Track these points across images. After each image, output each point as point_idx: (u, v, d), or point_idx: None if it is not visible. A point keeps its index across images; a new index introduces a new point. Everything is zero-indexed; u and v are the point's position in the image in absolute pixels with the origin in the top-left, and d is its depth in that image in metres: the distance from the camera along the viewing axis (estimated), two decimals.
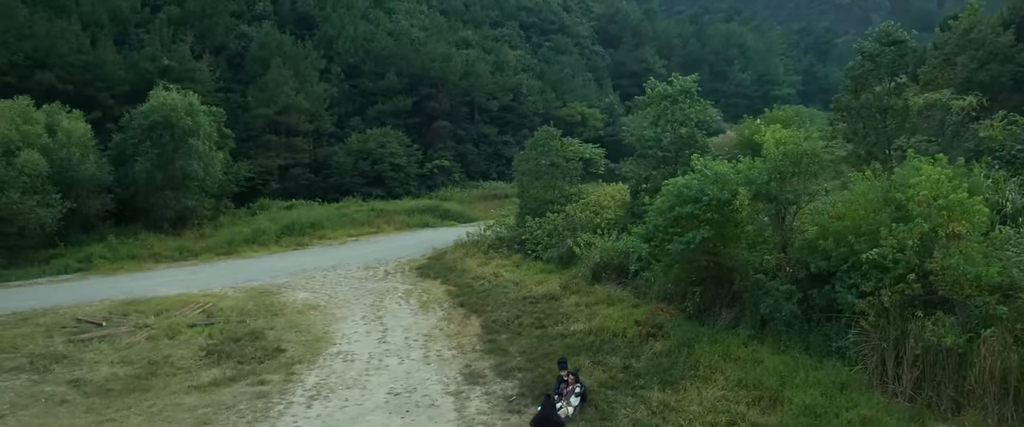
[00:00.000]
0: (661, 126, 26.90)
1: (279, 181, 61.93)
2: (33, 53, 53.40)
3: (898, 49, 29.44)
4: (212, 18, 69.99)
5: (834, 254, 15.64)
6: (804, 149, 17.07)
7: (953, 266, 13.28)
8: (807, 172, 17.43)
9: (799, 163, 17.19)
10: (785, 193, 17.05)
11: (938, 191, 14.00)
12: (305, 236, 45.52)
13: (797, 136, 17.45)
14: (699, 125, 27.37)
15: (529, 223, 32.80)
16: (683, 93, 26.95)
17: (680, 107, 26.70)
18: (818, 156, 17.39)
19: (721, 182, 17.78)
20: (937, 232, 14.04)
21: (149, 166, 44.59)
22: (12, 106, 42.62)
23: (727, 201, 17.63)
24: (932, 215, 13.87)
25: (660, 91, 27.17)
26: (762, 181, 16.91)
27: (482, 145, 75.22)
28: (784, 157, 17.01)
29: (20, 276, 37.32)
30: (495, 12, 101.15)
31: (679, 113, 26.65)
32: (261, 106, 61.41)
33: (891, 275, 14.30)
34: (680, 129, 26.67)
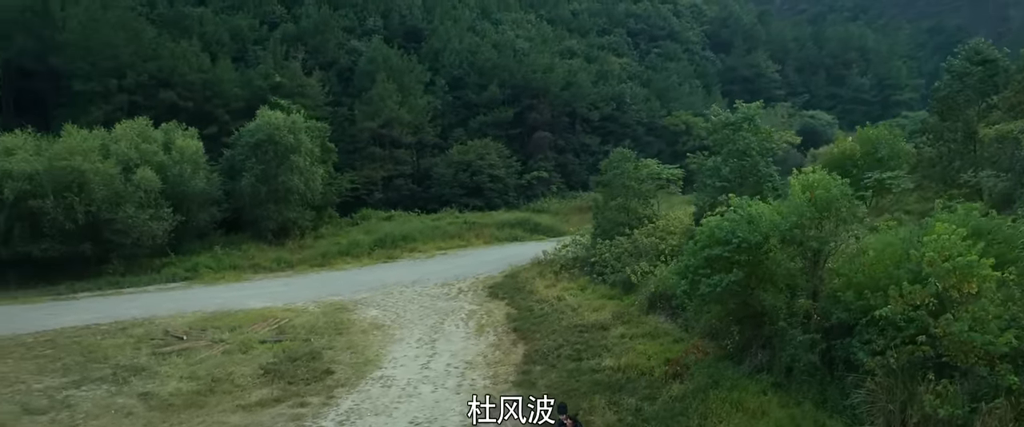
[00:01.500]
0: (723, 155, 26.53)
1: (382, 191, 64.14)
2: (157, 73, 57.49)
3: (987, 69, 28.01)
4: (324, 34, 73.28)
5: (853, 307, 15.25)
6: (833, 196, 16.61)
7: (955, 333, 12.75)
8: (837, 218, 16.93)
9: (828, 209, 16.76)
10: (810, 241, 16.66)
11: (948, 251, 13.44)
12: (396, 249, 47.21)
13: (827, 182, 17.02)
14: (763, 153, 26.81)
15: (599, 245, 32.96)
16: (746, 120, 26.51)
17: (742, 136, 26.26)
18: (849, 203, 16.87)
19: (754, 224, 17.57)
20: (951, 293, 13.48)
21: (254, 180, 47.34)
22: (132, 126, 46.13)
23: (759, 244, 17.41)
24: (941, 276, 13.35)
25: (722, 119, 26.81)
26: (785, 227, 16.59)
27: (583, 155, 75.38)
28: (811, 204, 16.64)
29: (133, 283, 40.55)
30: (603, 20, 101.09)
31: (741, 142, 26.19)
32: (366, 119, 63.81)
33: (903, 334, 13.84)
34: (742, 159, 26.22)
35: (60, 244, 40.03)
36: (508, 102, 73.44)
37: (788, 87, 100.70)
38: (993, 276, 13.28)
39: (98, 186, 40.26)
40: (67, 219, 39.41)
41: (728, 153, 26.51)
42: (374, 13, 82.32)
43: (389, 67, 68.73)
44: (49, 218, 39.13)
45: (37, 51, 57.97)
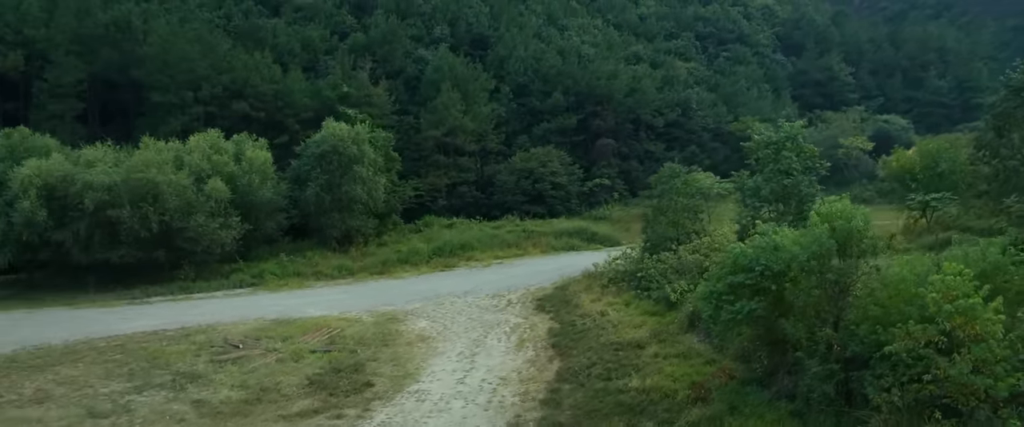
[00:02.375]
0: (765, 174, 26.50)
1: (446, 198, 65.30)
2: (231, 84, 59.95)
3: None
4: (392, 44, 75.00)
5: (866, 340, 15.30)
6: (853, 227, 16.64)
7: (956, 375, 12.76)
8: (859, 249, 16.93)
9: (848, 239, 16.79)
10: (829, 271, 16.70)
11: (954, 292, 13.42)
12: (454, 257, 48.26)
13: (848, 212, 17.04)
14: (807, 171, 26.67)
15: (646, 260, 33.18)
16: (788, 139, 26.42)
17: (784, 155, 26.18)
18: (867, 234, 16.86)
19: (779, 252, 17.67)
20: (958, 333, 13.46)
21: (319, 190, 49.04)
22: (205, 138, 48.37)
23: (782, 272, 17.53)
24: (946, 317, 13.35)
25: (763, 139, 26.77)
26: (804, 258, 16.68)
27: (647, 162, 75.05)
28: (830, 235, 16.70)
29: (203, 288, 42.66)
30: (670, 24, 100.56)
31: (783, 161, 26.12)
32: (431, 128, 65.10)
33: (911, 372, 13.85)
34: (783, 179, 26.14)
35: (136, 251, 42.41)
36: (572, 109, 73.87)
37: (862, 90, 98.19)
38: (998, 319, 13.20)
39: (171, 196, 42.40)
40: (142, 227, 41.66)
41: (770, 172, 26.42)
42: (441, 22, 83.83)
43: (454, 76, 69.88)
44: (126, 226, 41.44)
45: (120, 64, 61.19)
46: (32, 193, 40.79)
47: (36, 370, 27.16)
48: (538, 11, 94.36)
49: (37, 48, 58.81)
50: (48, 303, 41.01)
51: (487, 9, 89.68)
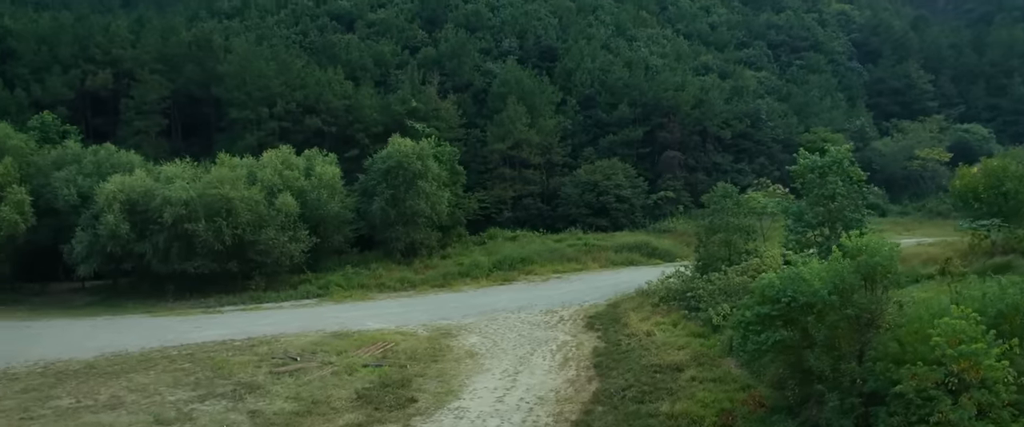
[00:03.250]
0: (810, 199, 26.50)
1: (511, 210, 66.22)
2: (304, 101, 62.34)
3: None
4: (461, 58, 76.52)
5: (881, 378, 15.47)
6: (876, 262, 16.77)
7: (956, 420, 12.89)
8: (884, 283, 17.03)
9: (872, 274, 16.93)
10: (849, 306, 16.85)
11: (959, 336, 13.52)
12: (514, 271, 49.11)
13: (874, 247, 17.16)
14: (852, 196, 26.56)
15: (697, 279, 33.37)
16: (833, 164, 26.37)
17: (829, 181, 26.14)
18: (893, 269, 16.95)
19: (808, 283, 17.84)
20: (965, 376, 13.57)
21: (384, 204, 50.61)
22: (277, 154, 50.54)
23: (809, 305, 17.72)
24: (950, 361, 13.48)
25: (807, 164, 26.77)
26: (825, 293, 16.89)
27: (714, 174, 74.35)
28: (853, 269, 16.87)
29: (272, 299, 44.62)
30: (742, 32, 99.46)
31: (828, 187, 26.09)
32: (496, 141, 66.17)
33: (920, 412, 14.02)
34: (829, 203, 26.11)
35: (210, 262, 44.67)
36: (638, 121, 73.90)
37: (942, 98, 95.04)
38: (1002, 366, 13.25)
39: (243, 211, 44.52)
40: (216, 240, 43.86)
41: (815, 198, 26.41)
42: (510, 34, 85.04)
43: (521, 89, 70.80)
44: (201, 239, 43.70)
45: (202, 81, 64.43)
46: (116, 207, 43.44)
47: (112, 376, 29.16)
48: (607, 22, 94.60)
49: (125, 67, 62.41)
50: (130, 310, 43.63)
51: (556, 21, 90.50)
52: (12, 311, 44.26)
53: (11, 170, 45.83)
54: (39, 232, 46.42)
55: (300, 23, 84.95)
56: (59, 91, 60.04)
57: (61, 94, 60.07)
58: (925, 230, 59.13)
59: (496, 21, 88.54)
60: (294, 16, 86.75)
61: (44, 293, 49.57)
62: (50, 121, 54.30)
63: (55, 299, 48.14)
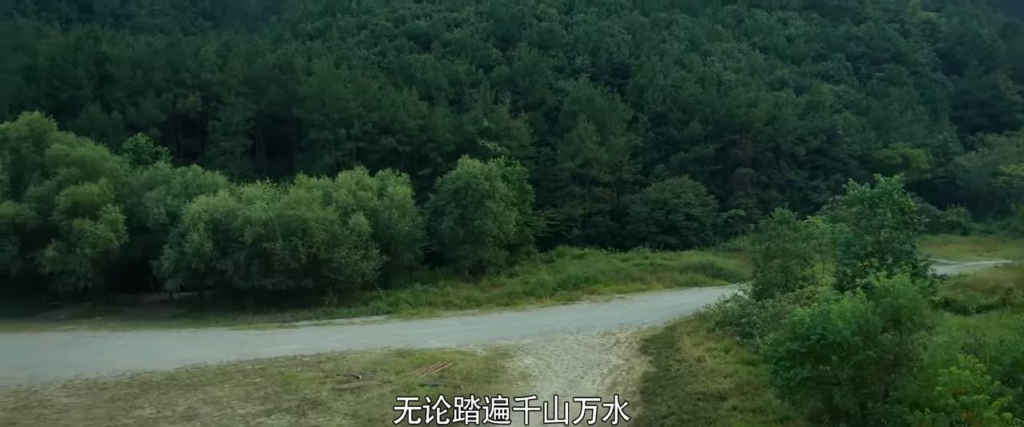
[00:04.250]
0: (858, 229, 26.60)
1: (581, 228, 66.98)
2: (380, 121, 64.62)
3: None
4: (533, 76, 77.73)
5: (899, 420, 15.78)
6: (900, 304, 17.05)
7: None
8: (909, 324, 17.29)
9: (895, 315, 17.22)
10: (872, 347, 17.15)
11: (963, 386, 13.81)
12: (578, 290, 49.83)
13: (900, 289, 17.43)
14: (904, 225, 26.52)
15: (751, 306, 33.56)
16: (883, 195, 26.40)
17: (879, 212, 26.19)
18: (918, 311, 17.19)
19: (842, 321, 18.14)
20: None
21: (453, 223, 52.09)
22: (352, 175, 52.70)
23: (837, 343, 18.07)
24: (952, 411, 13.79)
25: (857, 194, 26.86)
26: (847, 334, 17.24)
27: (788, 191, 73.79)
28: (877, 311, 17.19)
29: (344, 314, 46.62)
30: (820, 45, 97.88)
31: (877, 218, 26.15)
32: (566, 160, 67.08)
33: None
34: (879, 233, 26.17)
35: (287, 279, 46.95)
36: (710, 138, 73.72)
37: None
38: (1003, 418, 13.47)
39: (318, 231, 46.65)
40: (292, 258, 46.08)
41: (864, 228, 26.49)
42: (583, 52, 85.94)
43: (592, 107, 71.45)
44: (278, 257, 46.00)
45: (284, 102, 67.52)
46: (200, 227, 46.15)
47: (190, 389, 31.33)
48: (681, 37, 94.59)
49: (212, 90, 65.93)
50: (212, 323, 46.25)
51: (629, 37, 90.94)
52: (106, 321, 47.55)
53: (106, 190, 49.10)
54: (131, 248, 49.56)
55: (379, 44, 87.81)
56: (152, 114, 63.85)
57: (154, 116, 63.87)
58: (1007, 250, 57.27)
59: (569, 38, 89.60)
60: (373, 37, 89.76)
61: (136, 304, 52.85)
62: (143, 143, 57.83)
63: (145, 310, 51.31)
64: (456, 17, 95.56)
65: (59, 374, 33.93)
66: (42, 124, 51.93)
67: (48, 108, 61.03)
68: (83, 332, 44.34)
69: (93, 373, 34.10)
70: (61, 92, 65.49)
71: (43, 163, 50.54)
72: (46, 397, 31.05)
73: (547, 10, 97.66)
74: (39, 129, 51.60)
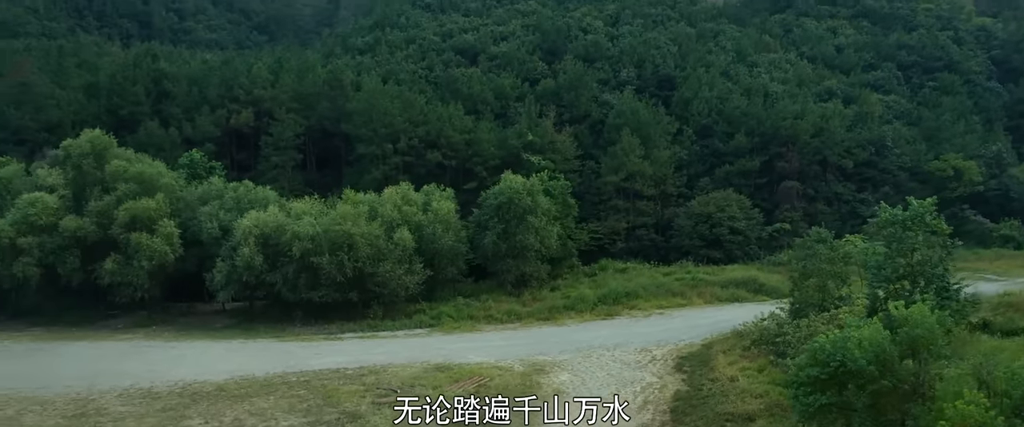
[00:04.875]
0: (891, 253, 26.62)
1: (624, 241, 67.08)
2: (426, 136, 65.83)
3: None
4: (578, 90, 78.20)
5: None
6: (916, 335, 17.26)
7: None
8: (927, 353, 17.48)
9: (914, 346, 17.42)
10: (888, 376, 17.38)
11: (965, 422, 14.04)
12: (618, 305, 50.19)
13: (918, 318, 17.61)
14: (936, 249, 26.47)
15: (787, 326, 33.63)
16: (915, 219, 26.40)
17: (910, 235, 26.20)
18: (934, 341, 17.38)
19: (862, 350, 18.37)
20: None
21: (496, 238, 52.90)
22: (397, 190, 53.92)
23: (856, 371, 18.33)
24: None
25: (888, 217, 26.91)
26: (863, 363, 17.50)
27: (835, 204, 73.01)
28: (895, 341, 17.42)
29: (389, 327, 47.78)
30: (870, 54, 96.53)
31: (909, 241, 26.17)
32: (610, 173, 67.42)
33: None
34: (912, 256, 26.17)
35: (333, 292, 48.26)
36: (756, 150, 73.28)
37: None
38: None
39: (363, 246, 47.88)
40: (338, 272, 47.37)
41: (895, 251, 26.51)
42: (628, 64, 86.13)
43: (636, 120, 71.74)
44: (325, 271, 47.33)
45: (333, 117, 69.19)
46: (251, 241, 47.73)
47: (237, 400, 32.70)
48: (728, 48, 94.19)
49: (264, 106, 67.90)
50: (261, 334, 47.77)
51: (675, 49, 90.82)
52: (161, 331, 49.49)
53: (163, 205, 51.06)
54: (186, 260, 51.39)
55: (426, 58, 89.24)
56: (207, 129, 66.08)
57: (209, 132, 66.09)
58: None
59: (615, 51, 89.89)
60: (421, 51, 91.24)
61: (190, 313, 54.75)
62: (198, 158, 59.90)
63: (199, 320, 53.13)
64: (503, 31, 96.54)
65: (115, 383, 35.72)
66: (102, 141, 54.15)
67: (108, 124, 63.82)
68: (139, 341, 46.27)
69: (147, 382, 35.79)
70: (121, 108, 68.22)
71: (103, 178, 52.67)
72: (103, 405, 32.75)
73: (593, 22, 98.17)
74: (100, 146, 53.78)
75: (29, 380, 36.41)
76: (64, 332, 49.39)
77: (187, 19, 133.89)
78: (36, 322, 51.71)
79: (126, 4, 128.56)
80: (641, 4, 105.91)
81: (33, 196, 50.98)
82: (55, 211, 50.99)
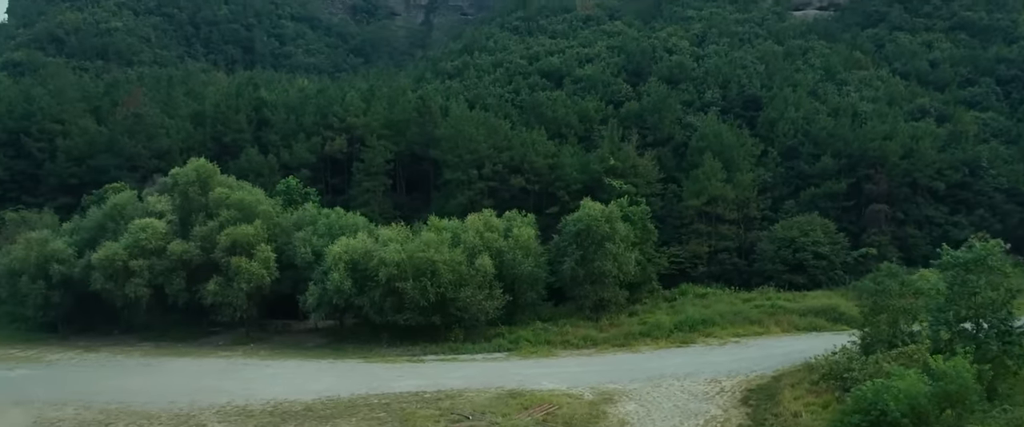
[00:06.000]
0: (951, 294, 26.74)
1: (706, 265, 67.21)
2: (509, 161, 67.75)
3: None
4: (661, 112, 78.80)
5: None
6: (951, 390, 17.78)
7: None
8: (962, 407, 17.95)
9: (947, 400, 17.94)
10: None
11: None
12: (694, 332, 50.67)
13: (953, 373, 18.12)
14: (999, 292, 26.41)
15: (856, 361, 33.71)
16: (978, 261, 26.44)
17: (972, 279, 26.26)
18: (969, 397, 17.84)
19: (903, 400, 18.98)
20: None
21: (574, 264, 54.21)
22: (479, 217, 55.90)
23: (895, 422, 18.95)
24: None
25: (950, 259, 27.01)
26: (897, 415, 18.11)
27: (925, 227, 71.21)
28: (929, 394, 17.99)
29: (469, 350, 49.66)
30: (966, 69, 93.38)
31: (971, 284, 26.24)
32: (691, 197, 67.74)
33: None
34: (973, 299, 26.24)
35: (417, 315, 50.47)
36: (843, 172, 72.38)
37: None
38: None
39: (446, 272, 49.92)
40: (422, 297, 49.54)
41: (957, 293, 26.58)
42: (713, 85, 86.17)
43: (719, 143, 71.90)
44: (409, 296, 49.57)
45: (422, 143, 71.98)
46: (341, 266, 50.42)
47: (323, 420, 35.11)
48: (816, 65, 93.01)
49: (357, 133, 71.16)
50: (349, 354, 50.36)
51: (762, 68, 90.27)
52: (258, 349, 52.73)
53: (260, 231, 54.44)
54: (281, 282, 54.58)
55: (512, 81, 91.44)
56: (303, 156, 69.79)
57: (305, 159, 69.80)
58: None
59: (700, 72, 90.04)
60: (508, 74, 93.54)
61: (285, 331, 58.03)
62: (294, 185, 63.42)
63: (293, 338, 56.27)
64: (588, 52, 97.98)
65: (214, 400, 38.69)
66: (207, 169, 58.11)
67: (213, 151, 68.33)
68: (237, 359, 49.52)
69: (243, 400, 38.61)
70: (224, 135, 72.79)
71: (207, 205, 56.51)
72: (201, 422, 35.68)
73: (678, 43, 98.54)
74: (204, 174, 57.74)
75: (138, 395, 39.87)
76: (170, 348, 53.27)
77: (287, 44, 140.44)
78: (146, 337, 55.85)
79: (231, 31, 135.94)
80: (727, 23, 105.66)
81: (144, 222, 55.02)
82: (163, 236, 54.90)
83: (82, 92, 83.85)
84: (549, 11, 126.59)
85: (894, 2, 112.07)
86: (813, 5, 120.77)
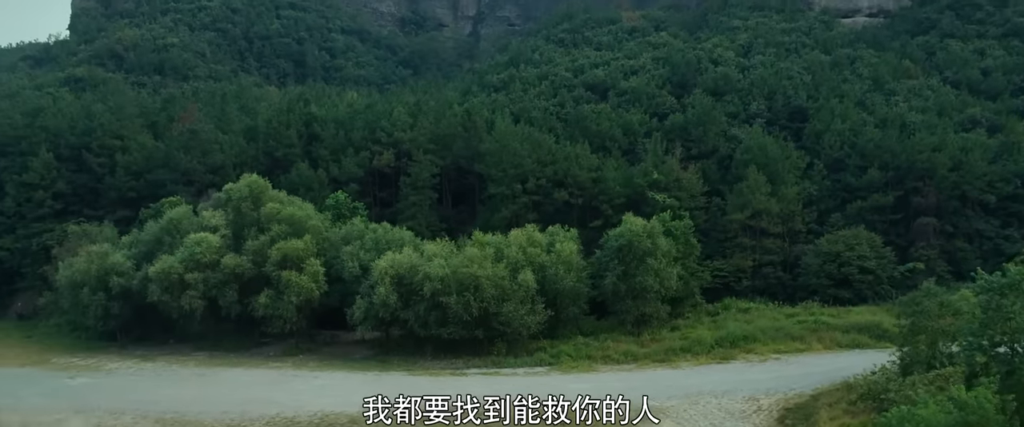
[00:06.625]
0: (984, 319, 26.84)
1: (750, 279, 67.20)
2: (553, 176, 68.54)
3: None
4: (706, 124, 78.85)
5: None
6: (971, 421, 18.13)
7: None
8: None
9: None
10: None
11: None
12: (735, 348, 50.86)
13: (977, 402, 18.48)
14: None
15: (893, 382, 33.81)
16: (1012, 286, 26.49)
17: (1007, 303, 26.33)
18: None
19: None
20: None
21: (615, 279, 54.81)
22: (523, 233, 56.84)
23: None
24: None
25: (984, 283, 27.10)
26: None
27: (976, 241, 70.15)
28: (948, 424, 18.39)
29: (511, 364, 50.60)
30: (1020, 77, 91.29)
31: (1006, 307, 26.32)
32: (735, 211, 67.77)
33: None
34: (1009, 323, 26.32)
35: (460, 329, 51.55)
36: (890, 185, 71.67)
37: None
38: None
39: (489, 287, 50.93)
40: (465, 311, 50.62)
41: (991, 319, 26.63)
42: (758, 97, 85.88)
43: (764, 156, 71.77)
44: (453, 310, 50.69)
45: (468, 157, 73.17)
46: (387, 280, 51.78)
47: None
48: (864, 75, 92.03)
49: (404, 148, 72.67)
50: (395, 366, 51.67)
51: (808, 78, 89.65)
52: (307, 360, 54.34)
53: (310, 245, 56.16)
54: (330, 295, 56.16)
55: (557, 94, 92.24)
56: (352, 171, 71.48)
57: (353, 173, 71.48)
58: None
59: (745, 83, 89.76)
60: (553, 87, 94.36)
61: (333, 342, 59.56)
62: (342, 200, 65.12)
63: (341, 349, 57.76)
64: (633, 64, 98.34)
65: (264, 411, 40.27)
66: (259, 185, 60.13)
67: (265, 165, 70.43)
68: (287, 370, 51.16)
69: (291, 412, 40.11)
70: (276, 151, 74.93)
71: (259, 220, 58.47)
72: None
73: (724, 53, 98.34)
74: (257, 189, 59.75)
75: (192, 404, 41.72)
76: (223, 357, 55.24)
77: (338, 57, 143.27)
78: (200, 347, 57.93)
79: (283, 46, 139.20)
80: (774, 32, 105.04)
81: (199, 236, 57.10)
82: (217, 250, 56.86)
83: (140, 108, 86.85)
84: (594, 23, 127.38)
85: (945, 8, 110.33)
86: (862, 12, 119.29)
